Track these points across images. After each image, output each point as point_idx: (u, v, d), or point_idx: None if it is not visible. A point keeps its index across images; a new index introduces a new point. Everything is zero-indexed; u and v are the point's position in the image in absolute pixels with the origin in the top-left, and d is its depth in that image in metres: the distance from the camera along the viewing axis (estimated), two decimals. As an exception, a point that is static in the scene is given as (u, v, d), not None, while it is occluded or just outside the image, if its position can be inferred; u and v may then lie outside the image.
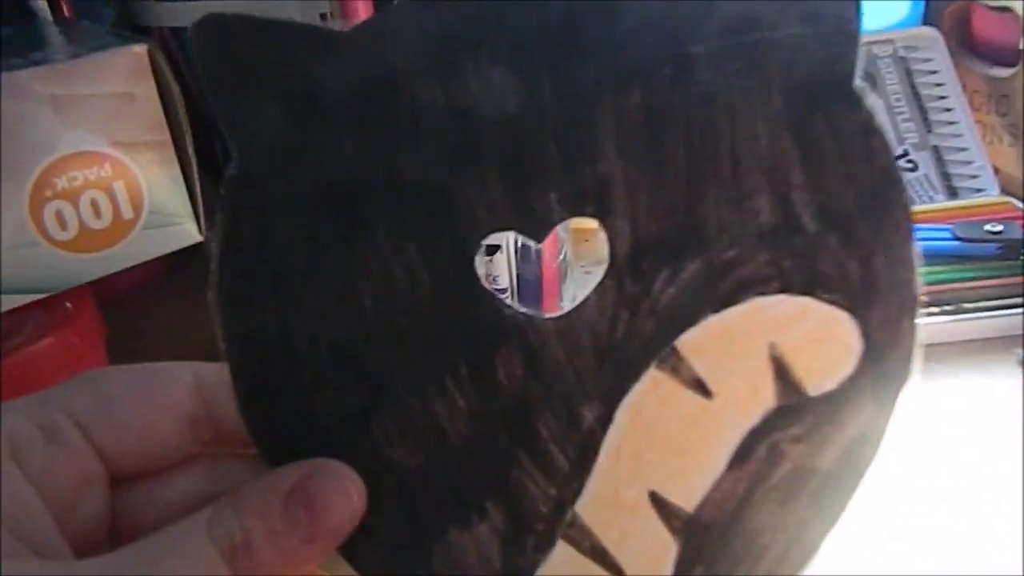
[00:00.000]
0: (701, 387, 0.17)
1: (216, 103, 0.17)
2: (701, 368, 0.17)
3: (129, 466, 0.18)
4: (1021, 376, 0.34)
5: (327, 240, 0.17)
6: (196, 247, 0.33)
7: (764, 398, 0.17)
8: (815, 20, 0.16)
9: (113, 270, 0.31)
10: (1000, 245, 0.39)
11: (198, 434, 0.19)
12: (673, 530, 0.16)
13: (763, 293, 0.17)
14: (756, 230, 0.16)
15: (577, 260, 0.40)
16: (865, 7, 0.25)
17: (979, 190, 0.47)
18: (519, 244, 0.30)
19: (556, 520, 0.17)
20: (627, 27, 0.16)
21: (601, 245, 0.17)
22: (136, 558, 0.16)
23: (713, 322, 0.17)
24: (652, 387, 0.17)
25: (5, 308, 0.28)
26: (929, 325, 0.36)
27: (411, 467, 0.17)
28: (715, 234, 0.16)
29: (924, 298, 0.31)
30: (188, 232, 0.32)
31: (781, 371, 0.17)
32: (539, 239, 0.18)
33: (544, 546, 0.17)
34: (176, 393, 0.18)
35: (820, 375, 0.16)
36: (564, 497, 0.17)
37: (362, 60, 0.17)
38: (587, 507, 0.17)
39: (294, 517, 0.16)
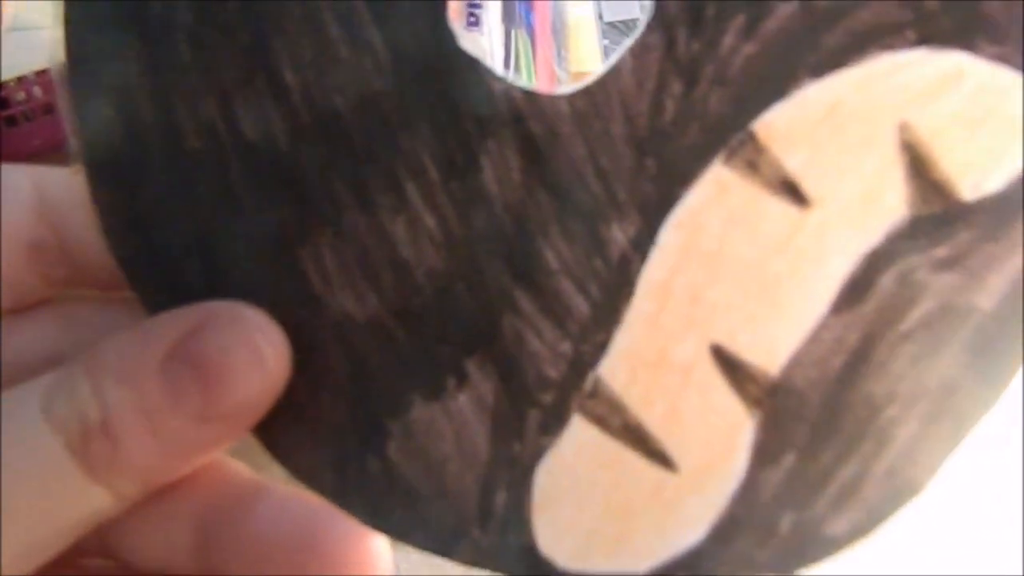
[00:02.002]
0: (793, 191, 0.12)
1: None
2: (793, 164, 0.11)
3: None
4: None
5: None
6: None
7: (891, 206, 0.11)
8: None
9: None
10: None
11: (45, 268, 0.14)
12: (749, 401, 0.11)
13: (892, 47, 0.11)
14: None
15: (571, 59, 0.33)
16: None
17: None
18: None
19: (570, 387, 0.12)
20: None
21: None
22: None
23: (812, 94, 0.11)
24: (717, 193, 0.12)
25: None
26: None
27: (357, 316, 0.12)
28: None
29: None
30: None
31: (918, 164, 0.11)
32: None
33: (553, 425, 0.12)
34: (15, 209, 0.14)
35: (979, 170, 0.11)
36: (582, 355, 0.12)
37: None
38: (617, 370, 0.12)
39: (178, 386, 0.12)
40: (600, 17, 0.33)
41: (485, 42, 0.23)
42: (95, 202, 0.12)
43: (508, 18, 0.27)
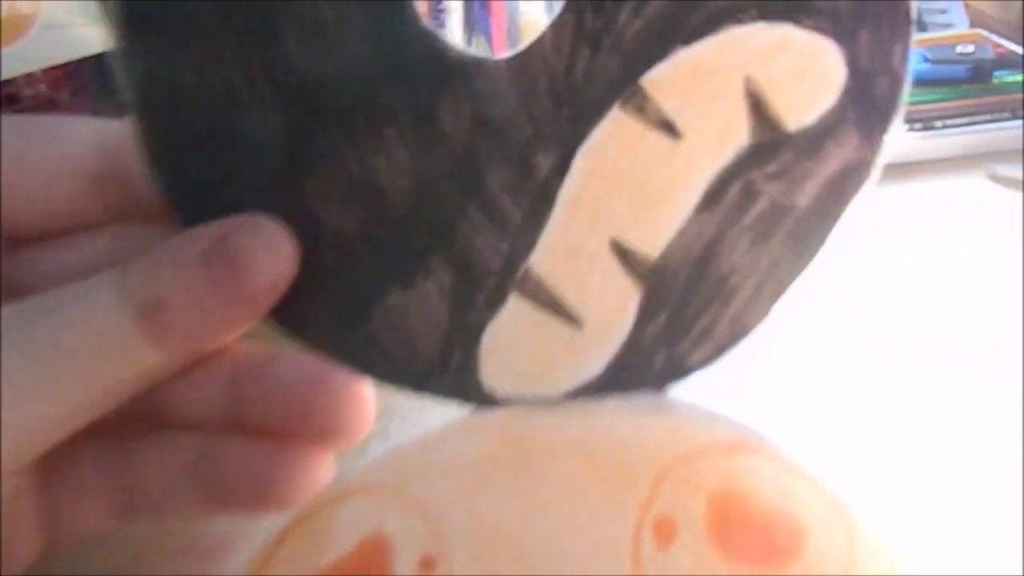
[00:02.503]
0: (669, 128, 0.15)
1: None
2: (669, 108, 0.15)
3: (25, 224, 0.17)
4: (990, 189, 0.33)
5: None
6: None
7: (738, 136, 0.15)
8: None
9: (10, 74, 0.27)
10: (971, 66, 0.37)
11: (104, 196, 0.17)
12: (636, 278, 0.15)
13: (740, 22, 0.15)
14: None
15: (525, 34, 0.37)
16: None
17: (947, 25, 0.45)
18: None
19: (508, 274, 0.16)
20: None
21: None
22: (34, 310, 0.14)
23: (683, 57, 0.15)
24: (614, 130, 0.15)
25: None
26: (900, 143, 0.35)
27: (347, 227, 0.16)
28: None
29: None
30: (90, 38, 0.29)
31: (757, 106, 0.15)
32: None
33: (495, 301, 0.16)
34: (76, 147, 0.17)
35: (800, 109, 0.15)
36: (517, 250, 0.16)
37: None
38: (542, 260, 0.16)
39: (215, 274, 0.15)
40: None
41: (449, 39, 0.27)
42: (143, 146, 0.16)
43: (468, 23, 0.30)
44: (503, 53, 0.16)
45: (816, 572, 0.13)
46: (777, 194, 0.15)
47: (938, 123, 0.36)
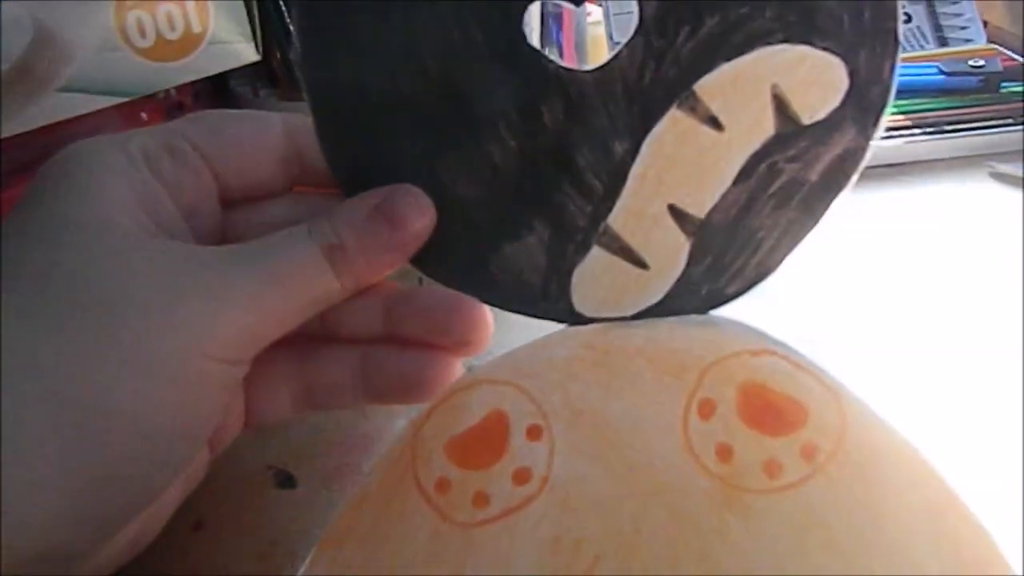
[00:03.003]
0: (714, 122, 0.20)
1: None
2: (715, 107, 0.20)
3: (234, 189, 0.22)
4: (991, 185, 0.38)
5: (394, 4, 0.20)
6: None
7: (765, 128, 0.20)
8: None
9: (183, 80, 0.34)
10: (981, 77, 0.42)
11: (288, 171, 0.22)
12: (687, 232, 0.20)
13: (768, 43, 0.20)
14: None
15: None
16: None
17: (967, 40, 0.50)
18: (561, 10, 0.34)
19: (591, 230, 0.21)
20: None
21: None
22: (254, 250, 0.19)
23: (726, 69, 0.20)
24: (673, 124, 0.20)
25: (91, 108, 0.31)
26: (912, 143, 0.39)
27: (470, 196, 0.21)
28: None
29: (908, 122, 0.35)
30: (246, 52, 0.35)
31: (781, 106, 0.20)
32: (578, 3, 0.21)
33: (581, 250, 0.21)
34: (270, 134, 0.22)
35: (813, 108, 0.20)
36: (598, 213, 0.21)
37: None
38: (616, 219, 0.21)
39: (377, 227, 0.20)
40: (611, 37, 0.43)
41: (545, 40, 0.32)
42: (319, 135, 0.21)
43: (544, 36, 0.36)
44: (587, 66, 0.21)
45: (815, 440, 0.18)
46: (794, 171, 0.20)
47: (948, 127, 0.40)
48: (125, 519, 0.18)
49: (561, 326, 0.21)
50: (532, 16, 0.21)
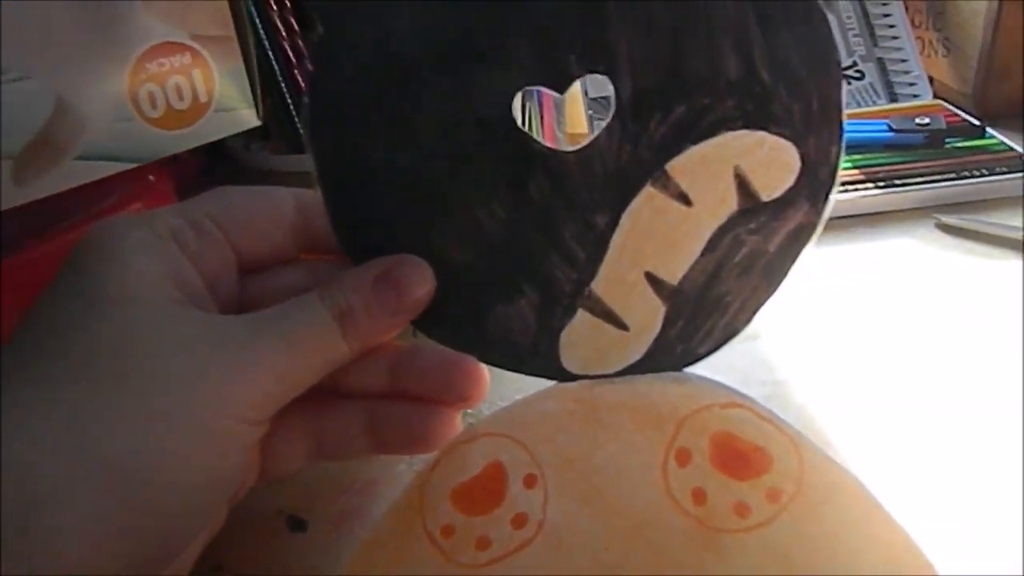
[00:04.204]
0: (684, 199, 0.23)
1: None
2: (684, 185, 0.23)
3: (251, 260, 0.24)
4: (938, 235, 0.41)
5: (394, 88, 0.22)
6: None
7: (729, 204, 0.22)
8: None
9: (191, 146, 0.35)
10: (927, 134, 0.45)
11: (298, 242, 0.24)
12: (662, 297, 0.23)
13: (731, 129, 0.22)
14: (726, 83, 0.22)
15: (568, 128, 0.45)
16: None
17: (915, 96, 0.53)
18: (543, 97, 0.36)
19: (576, 295, 0.23)
20: None
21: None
22: (270, 316, 0.21)
23: (694, 151, 0.22)
24: (648, 200, 0.23)
25: (104, 175, 0.33)
26: (865, 197, 0.43)
27: (466, 262, 0.23)
28: (695, 86, 0.22)
29: (862, 176, 0.39)
30: (249, 117, 0.37)
31: (742, 185, 0.22)
32: (561, 91, 0.24)
33: (568, 313, 0.23)
34: (283, 208, 0.24)
35: (771, 186, 0.22)
36: (583, 279, 0.23)
37: None
38: (599, 285, 0.23)
39: (383, 294, 0.22)
40: (586, 94, 0.46)
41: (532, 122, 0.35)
42: (327, 207, 0.23)
43: (525, 95, 0.38)
44: (570, 146, 0.23)
45: (778, 483, 0.21)
46: (755, 243, 0.23)
47: (897, 181, 0.44)
48: (158, 568, 0.20)
49: (551, 382, 0.23)
50: (520, 99, 0.24)
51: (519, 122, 0.23)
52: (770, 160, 0.22)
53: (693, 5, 0.21)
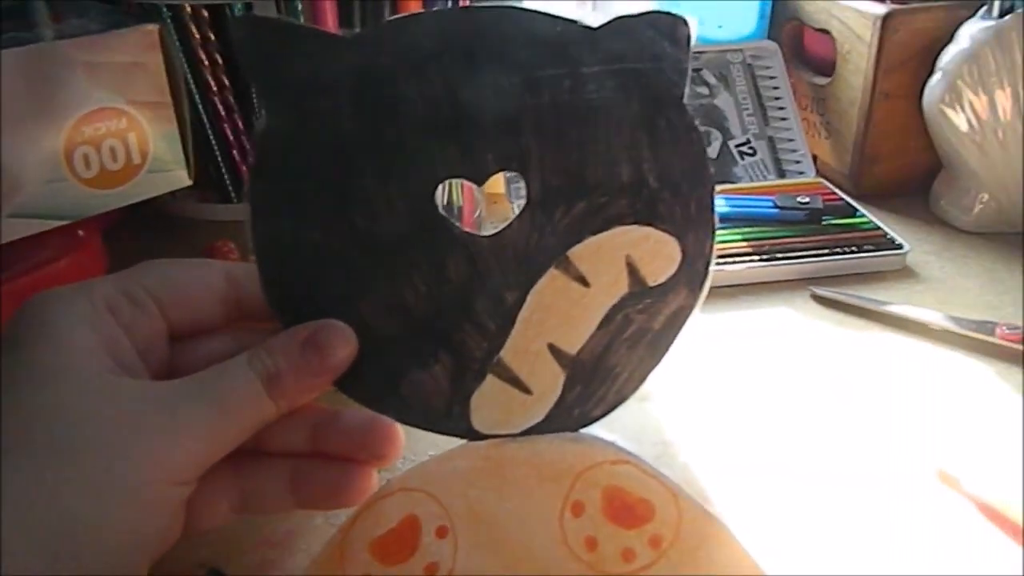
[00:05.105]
0: (583, 280, 0.26)
1: (250, 77, 0.25)
2: (583, 269, 0.26)
3: (182, 326, 0.25)
4: (812, 306, 0.46)
5: (328, 176, 0.25)
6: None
7: (621, 287, 0.26)
8: (661, 59, 0.25)
9: (123, 204, 0.37)
10: (807, 213, 0.51)
11: (228, 310, 0.26)
12: (562, 366, 0.26)
13: (623, 224, 0.26)
14: (620, 186, 0.25)
15: (488, 218, 0.49)
16: (720, 21, 0.36)
17: (800, 172, 0.59)
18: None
19: (487, 362, 0.26)
20: (541, 51, 0.25)
21: (506, 208, 0.26)
22: (199, 381, 0.23)
23: (591, 241, 0.26)
24: (551, 280, 0.26)
25: (35, 231, 0.34)
26: (750, 269, 0.47)
27: (386, 330, 0.26)
28: (594, 187, 0.25)
29: (749, 249, 0.44)
30: (181, 177, 0.39)
31: (632, 271, 0.26)
32: (479, 183, 0.27)
33: (478, 378, 0.26)
34: (214, 280, 0.26)
35: (655, 274, 0.26)
36: (492, 348, 0.26)
37: (359, 58, 0.25)
38: (507, 353, 0.26)
39: (308, 356, 0.24)
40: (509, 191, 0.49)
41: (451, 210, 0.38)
42: (261, 277, 0.25)
43: (449, 205, 0.41)
44: (487, 231, 0.26)
45: (660, 531, 0.24)
46: (642, 321, 0.26)
47: (779, 255, 0.49)
48: None
49: (462, 440, 0.26)
50: (442, 189, 0.27)
51: (441, 209, 0.26)
52: (655, 251, 0.26)
53: (596, 126, 0.25)
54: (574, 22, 0.25)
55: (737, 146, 0.61)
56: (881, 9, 0.54)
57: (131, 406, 0.22)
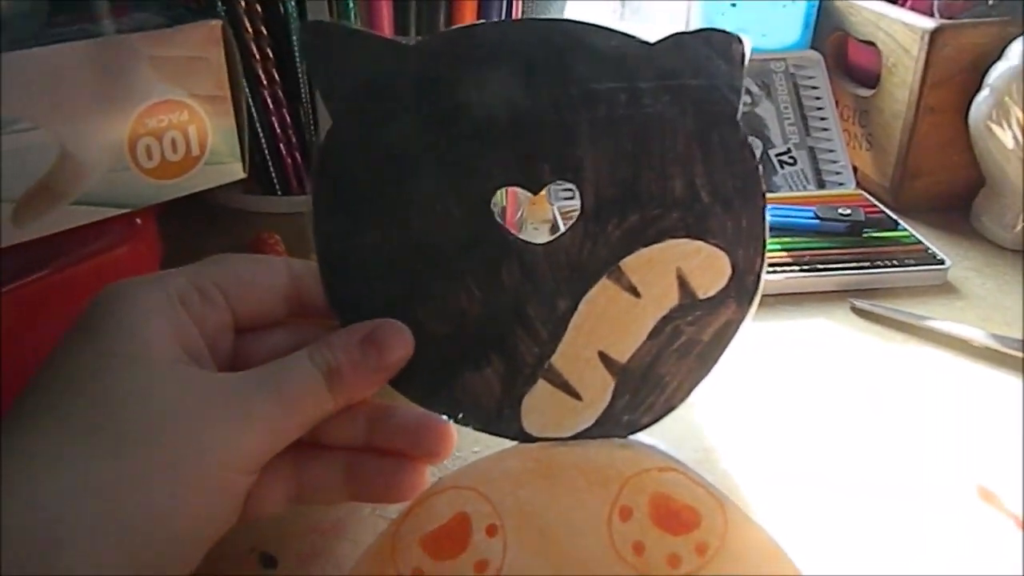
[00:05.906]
0: (634, 291, 0.26)
1: (315, 81, 0.26)
2: (635, 280, 0.26)
3: (246, 321, 0.26)
4: (852, 318, 0.46)
5: (388, 180, 0.26)
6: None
7: (671, 299, 0.26)
8: (715, 76, 0.26)
9: (180, 194, 0.38)
10: (848, 224, 0.51)
11: (289, 306, 0.27)
12: (612, 373, 0.26)
13: (675, 237, 0.26)
14: (672, 199, 0.26)
15: (529, 218, 0.50)
16: (764, 30, 0.37)
17: (840, 183, 0.59)
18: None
19: (538, 367, 0.26)
20: (598, 65, 0.26)
21: (545, 209, 0.27)
22: (263, 374, 0.24)
23: (643, 252, 0.26)
24: (603, 290, 0.26)
25: (97, 218, 0.36)
26: (790, 279, 0.48)
27: (442, 332, 0.26)
28: (647, 200, 0.26)
29: (789, 259, 0.44)
30: (236, 170, 0.40)
31: (683, 283, 0.26)
32: (535, 192, 0.28)
33: (529, 382, 0.26)
34: (278, 275, 0.27)
35: (705, 287, 0.26)
36: (544, 353, 0.26)
37: (422, 65, 0.26)
38: (558, 359, 0.26)
39: (367, 353, 0.25)
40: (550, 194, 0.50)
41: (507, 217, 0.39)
42: (322, 276, 0.26)
43: (505, 213, 0.42)
44: (540, 239, 0.27)
45: (705, 538, 0.24)
46: (691, 332, 0.26)
47: (819, 265, 0.49)
48: None
49: (513, 442, 0.27)
50: (498, 197, 0.28)
51: (497, 217, 0.27)
52: (706, 265, 0.26)
53: (650, 140, 0.26)
54: (631, 36, 0.26)
55: (777, 155, 0.61)
56: (930, 24, 0.53)
57: (203, 396, 0.22)
